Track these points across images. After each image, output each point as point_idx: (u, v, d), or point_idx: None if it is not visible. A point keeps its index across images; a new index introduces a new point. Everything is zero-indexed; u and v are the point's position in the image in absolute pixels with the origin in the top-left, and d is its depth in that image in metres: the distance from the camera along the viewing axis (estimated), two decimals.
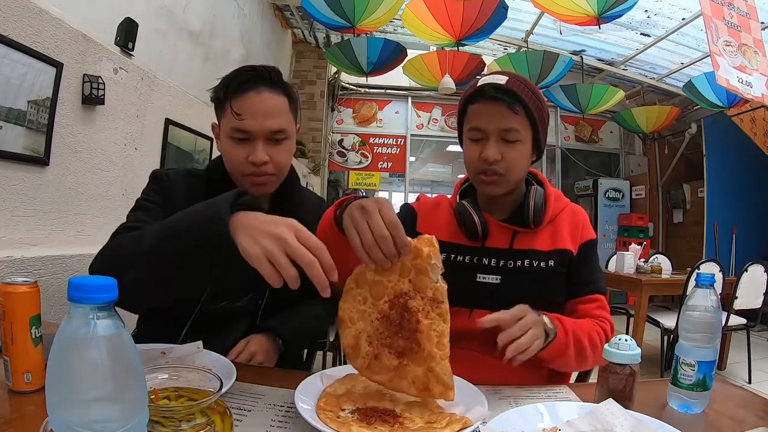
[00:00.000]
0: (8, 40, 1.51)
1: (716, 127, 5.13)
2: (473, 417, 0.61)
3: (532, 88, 0.94)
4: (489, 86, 0.91)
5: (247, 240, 0.61)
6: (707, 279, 0.74)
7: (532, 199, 0.96)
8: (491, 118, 0.91)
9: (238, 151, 0.91)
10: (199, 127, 2.97)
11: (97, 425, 0.35)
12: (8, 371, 0.63)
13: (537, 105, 0.93)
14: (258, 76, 0.91)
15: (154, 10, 2.48)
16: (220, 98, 0.93)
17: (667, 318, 3.07)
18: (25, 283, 0.65)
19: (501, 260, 0.98)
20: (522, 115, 0.91)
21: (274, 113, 0.91)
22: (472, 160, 0.95)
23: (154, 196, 0.94)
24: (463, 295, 0.86)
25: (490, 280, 0.97)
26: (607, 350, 0.70)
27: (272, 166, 0.92)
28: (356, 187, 6.90)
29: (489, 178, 0.94)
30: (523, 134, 0.92)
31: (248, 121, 0.89)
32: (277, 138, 0.93)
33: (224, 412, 0.55)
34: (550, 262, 0.96)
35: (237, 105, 0.89)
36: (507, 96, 0.89)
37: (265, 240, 0.60)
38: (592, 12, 3.08)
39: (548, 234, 0.99)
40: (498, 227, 1.00)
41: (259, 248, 0.60)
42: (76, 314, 0.36)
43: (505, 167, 0.92)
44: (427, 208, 1.08)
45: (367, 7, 3.29)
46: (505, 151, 0.92)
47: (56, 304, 1.45)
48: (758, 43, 3.01)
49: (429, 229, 1.02)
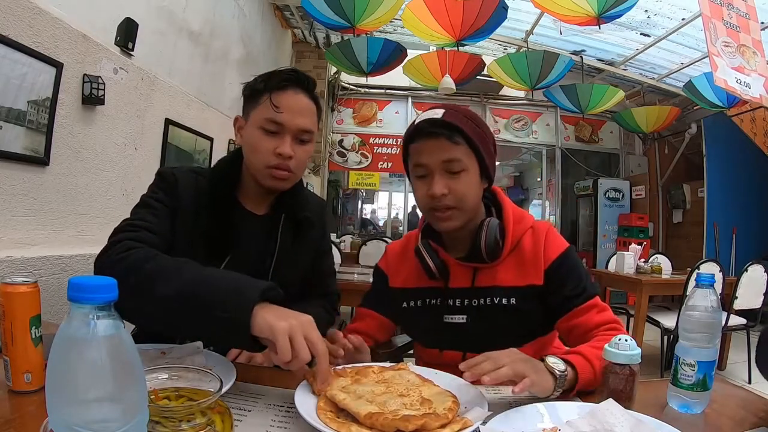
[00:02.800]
0: (8, 40, 1.51)
1: (716, 127, 5.13)
2: (473, 417, 0.61)
3: (471, 117, 0.94)
4: (425, 122, 0.91)
5: (273, 317, 0.66)
6: (707, 279, 0.74)
7: (484, 235, 0.93)
8: (432, 153, 0.91)
9: (266, 142, 0.94)
10: (199, 127, 2.97)
11: (97, 425, 0.35)
12: (8, 371, 0.63)
13: (477, 132, 0.92)
14: (298, 78, 0.97)
15: (154, 10, 2.48)
16: (257, 90, 0.96)
17: (667, 318, 3.07)
18: (25, 283, 0.65)
19: (465, 299, 0.98)
20: (463, 144, 0.90)
21: (306, 113, 0.97)
22: (422, 197, 0.94)
23: (161, 195, 0.95)
24: (432, 336, 0.86)
25: (456, 320, 0.98)
26: (607, 350, 0.70)
27: (294, 162, 0.96)
28: (356, 188, 6.91)
29: (442, 213, 0.93)
30: (466, 163, 0.91)
31: (285, 114, 0.93)
32: (302, 138, 0.97)
33: (224, 412, 0.55)
34: (512, 299, 0.94)
35: (276, 98, 0.93)
36: (444, 129, 0.89)
37: (291, 320, 0.66)
38: (592, 12, 3.08)
39: (512, 266, 0.96)
40: (458, 266, 0.99)
41: (286, 324, 0.65)
42: (76, 314, 0.36)
43: (455, 200, 0.91)
44: (394, 262, 1.10)
45: (367, 7, 3.29)
46: (451, 184, 0.91)
47: (56, 304, 1.45)
48: (757, 43, 3.01)
49: (400, 283, 1.07)
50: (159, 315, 0.72)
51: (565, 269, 0.95)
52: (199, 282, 0.71)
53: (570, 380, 0.74)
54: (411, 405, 0.64)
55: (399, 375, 0.75)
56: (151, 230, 0.88)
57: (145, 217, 0.90)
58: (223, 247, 0.96)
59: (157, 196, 0.94)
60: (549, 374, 0.72)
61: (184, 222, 0.94)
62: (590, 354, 0.78)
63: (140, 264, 0.75)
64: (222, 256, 0.95)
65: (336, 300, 1.19)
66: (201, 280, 0.72)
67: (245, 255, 0.97)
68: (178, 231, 0.93)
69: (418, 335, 1.09)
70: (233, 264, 0.94)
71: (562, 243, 0.98)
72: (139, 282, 0.72)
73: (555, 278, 0.94)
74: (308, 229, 1.07)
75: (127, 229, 0.86)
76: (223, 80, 3.54)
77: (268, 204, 1.05)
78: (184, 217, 0.94)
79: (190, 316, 0.70)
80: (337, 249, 3.45)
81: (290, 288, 1.00)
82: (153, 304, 0.71)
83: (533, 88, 4.30)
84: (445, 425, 0.59)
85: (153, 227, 0.88)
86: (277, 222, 1.03)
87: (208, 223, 0.95)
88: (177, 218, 0.94)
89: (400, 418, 0.58)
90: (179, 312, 0.70)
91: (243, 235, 0.98)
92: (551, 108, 5.92)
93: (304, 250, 1.08)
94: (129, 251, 0.79)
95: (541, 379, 0.70)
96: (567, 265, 0.95)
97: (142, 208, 0.93)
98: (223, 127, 3.36)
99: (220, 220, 0.96)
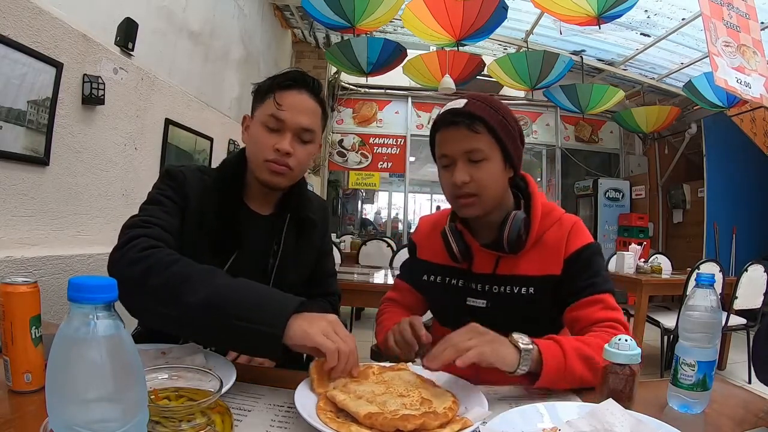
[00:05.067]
0: (8, 40, 1.51)
1: (716, 127, 5.13)
2: (473, 417, 0.61)
3: (494, 105, 0.94)
4: (448, 112, 0.93)
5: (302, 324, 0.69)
6: (707, 279, 0.74)
7: (507, 229, 0.94)
8: (454, 143, 0.93)
9: (267, 138, 0.96)
10: (199, 127, 2.97)
11: (97, 425, 0.35)
12: (8, 371, 0.63)
13: (500, 121, 0.93)
14: (304, 79, 0.98)
15: (154, 10, 2.47)
16: (263, 88, 0.99)
17: (667, 318, 3.07)
18: (25, 283, 0.65)
19: (486, 285, 1.00)
20: (484, 133, 0.91)
21: (308, 112, 0.98)
22: (446, 186, 0.97)
23: (170, 192, 0.94)
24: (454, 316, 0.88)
25: (477, 303, 1.00)
26: (607, 350, 0.70)
27: (294, 160, 0.96)
28: (356, 188, 6.91)
29: (465, 200, 0.95)
30: (487, 152, 0.92)
31: (286, 112, 0.95)
32: (303, 138, 0.98)
33: (224, 412, 0.55)
34: (530, 289, 0.96)
35: (280, 96, 0.95)
36: (466, 118, 0.91)
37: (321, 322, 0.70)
38: (592, 12, 3.08)
39: (535, 256, 0.97)
40: (481, 252, 1.00)
41: (317, 327, 0.69)
42: (76, 314, 0.36)
43: (477, 187, 0.93)
44: (424, 236, 1.14)
45: (367, 7, 3.29)
46: (473, 172, 0.92)
47: (56, 304, 1.45)
48: (757, 43, 3.00)
49: (427, 256, 1.11)
50: (184, 322, 0.71)
51: (582, 261, 0.95)
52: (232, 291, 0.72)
53: (535, 360, 0.74)
54: (411, 405, 0.64)
55: (399, 376, 0.75)
56: (164, 228, 0.87)
57: (157, 213, 0.89)
58: (228, 246, 0.96)
59: (167, 193, 0.94)
60: (513, 347, 0.74)
61: (190, 220, 0.94)
62: (567, 344, 0.77)
63: (164, 267, 0.74)
64: (227, 255, 0.95)
65: (337, 300, 1.20)
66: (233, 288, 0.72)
67: (250, 254, 0.98)
68: (184, 230, 0.93)
69: (440, 313, 1.13)
70: (237, 263, 0.95)
71: (587, 237, 0.98)
72: (163, 286, 0.72)
73: (571, 268, 0.95)
74: (311, 229, 1.08)
75: (141, 225, 0.84)
76: (223, 80, 3.54)
77: (272, 204, 1.06)
78: (191, 215, 0.94)
79: (217, 325, 0.69)
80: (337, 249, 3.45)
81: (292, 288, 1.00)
82: (178, 310, 0.71)
83: (533, 88, 4.30)
84: (444, 424, 0.59)
85: (166, 225, 0.87)
86: (281, 222, 1.04)
87: (214, 223, 0.95)
88: (184, 217, 0.94)
89: (399, 418, 0.58)
90: (206, 321, 0.70)
91: (248, 234, 0.98)
92: (551, 108, 5.93)
93: (307, 250, 1.09)
94: (149, 250, 0.78)
95: (505, 352, 0.73)
96: (585, 257, 0.95)
97: (153, 204, 0.92)
98: (223, 127, 3.36)
99: (226, 219, 0.96)
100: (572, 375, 0.75)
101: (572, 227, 0.98)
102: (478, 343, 0.72)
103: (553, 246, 0.96)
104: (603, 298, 0.91)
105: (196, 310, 0.70)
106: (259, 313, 0.68)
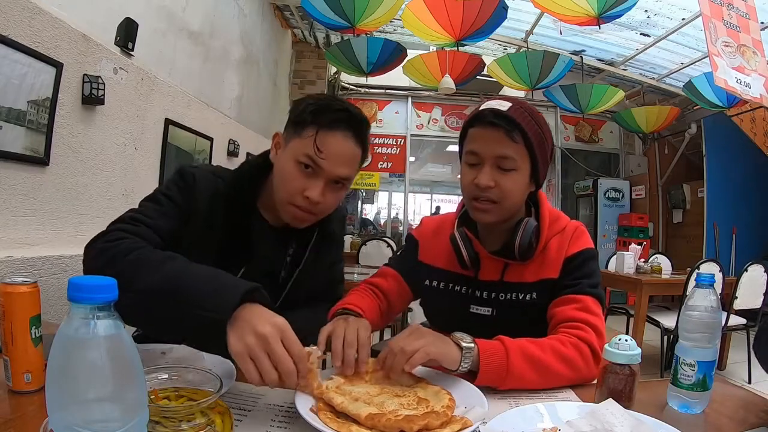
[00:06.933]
0: (8, 40, 1.51)
1: (716, 127, 5.13)
2: (473, 417, 0.61)
3: (536, 118, 0.91)
4: (489, 111, 0.89)
5: (234, 336, 0.62)
6: (707, 279, 0.74)
7: (519, 236, 0.92)
8: (488, 144, 0.89)
9: (299, 180, 0.88)
10: (199, 127, 2.97)
11: (97, 425, 0.35)
12: (8, 371, 0.63)
13: (538, 135, 0.90)
14: (351, 119, 0.89)
15: (154, 10, 2.48)
16: (304, 121, 0.88)
17: (667, 318, 3.07)
18: (25, 283, 0.65)
19: (492, 292, 0.98)
20: (520, 143, 0.88)
21: (349, 162, 0.90)
22: (467, 184, 0.93)
23: (175, 193, 0.91)
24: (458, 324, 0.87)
25: (482, 311, 0.98)
26: (607, 350, 0.70)
27: (322, 206, 0.90)
28: (356, 188, 6.90)
29: (482, 204, 0.92)
30: (519, 163, 0.89)
31: (326, 161, 0.86)
32: (337, 184, 0.91)
33: (224, 412, 0.56)
34: (533, 294, 0.95)
35: (321, 140, 0.86)
36: (506, 123, 0.87)
37: (250, 337, 0.61)
38: (592, 12, 3.08)
39: (539, 263, 0.96)
40: (489, 259, 0.98)
41: (242, 346, 0.61)
42: (76, 314, 0.36)
43: (499, 195, 0.90)
44: (427, 237, 1.10)
45: (367, 7, 3.29)
46: (499, 179, 0.89)
47: (56, 304, 1.45)
48: (757, 43, 3.00)
49: (429, 259, 1.07)
50: (137, 309, 0.65)
51: (576, 263, 0.94)
52: (181, 276, 0.68)
53: (475, 358, 0.75)
54: (408, 405, 0.65)
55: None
56: (150, 226, 0.85)
57: (149, 212, 0.87)
58: (238, 256, 0.91)
59: (170, 194, 0.91)
60: (455, 346, 0.76)
61: (196, 226, 0.90)
62: (512, 344, 0.77)
63: (123, 255, 0.73)
64: (236, 266, 0.90)
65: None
66: (185, 274, 0.69)
67: (260, 266, 0.94)
68: (189, 235, 0.89)
69: (439, 319, 1.08)
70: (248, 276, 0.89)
71: (586, 242, 0.97)
72: (120, 272, 0.66)
73: (565, 269, 0.94)
74: (331, 242, 1.05)
75: (126, 221, 0.84)
76: (223, 80, 3.54)
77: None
78: (197, 220, 0.90)
79: (169, 311, 0.66)
80: None
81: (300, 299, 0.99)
82: (130, 297, 0.65)
83: (533, 88, 4.30)
84: (445, 424, 0.59)
85: (153, 223, 0.85)
86: (297, 235, 0.99)
87: (223, 230, 0.91)
88: (189, 221, 0.90)
89: (402, 419, 0.58)
90: (157, 306, 0.67)
91: (259, 245, 0.93)
92: (551, 108, 5.91)
93: (322, 264, 1.05)
94: (117, 241, 0.77)
95: (448, 350, 0.75)
96: (579, 260, 0.95)
97: (150, 202, 0.90)
98: (223, 127, 3.36)
99: (236, 227, 0.92)
100: (516, 375, 0.76)
101: (574, 232, 0.98)
102: (424, 344, 0.73)
103: (556, 251, 0.96)
104: (582, 298, 0.89)
105: (146, 295, 0.67)
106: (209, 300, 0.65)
